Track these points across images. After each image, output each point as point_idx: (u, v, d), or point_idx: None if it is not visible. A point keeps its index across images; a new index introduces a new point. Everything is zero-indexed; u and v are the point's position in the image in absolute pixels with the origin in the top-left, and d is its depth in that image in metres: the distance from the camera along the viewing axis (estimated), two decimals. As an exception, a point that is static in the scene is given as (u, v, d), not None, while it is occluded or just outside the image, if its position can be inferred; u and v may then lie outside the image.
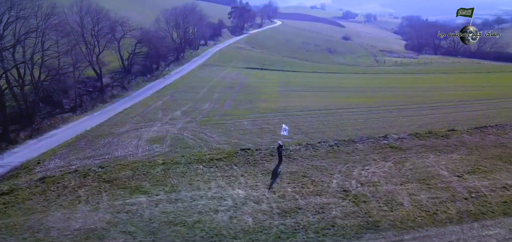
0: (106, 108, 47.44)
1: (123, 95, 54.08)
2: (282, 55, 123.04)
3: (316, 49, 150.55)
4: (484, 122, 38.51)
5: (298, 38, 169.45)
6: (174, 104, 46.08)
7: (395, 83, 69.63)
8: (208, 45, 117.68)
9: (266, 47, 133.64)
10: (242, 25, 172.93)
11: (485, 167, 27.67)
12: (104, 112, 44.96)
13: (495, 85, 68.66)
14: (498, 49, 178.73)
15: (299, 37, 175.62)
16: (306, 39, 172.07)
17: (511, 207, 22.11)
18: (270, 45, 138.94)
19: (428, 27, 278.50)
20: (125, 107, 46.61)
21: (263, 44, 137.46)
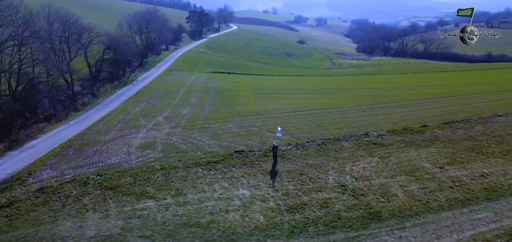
0: (80, 116, 46.35)
1: (95, 103, 52.98)
2: (243, 59, 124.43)
3: (275, 53, 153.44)
4: (450, 118, 41.79)
5: (256, 42, 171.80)
6: (153, 111, 45.92)
7: (359, 84, 73.13)
8: (169, 50, 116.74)
9: (227, 51, 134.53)
10: (200, 29, 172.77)
11: (461, 158, 30.36)
12: (80, 121, 43.96)
13: (451, 83, 73.92)
14: (443, 50, 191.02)
15: (257, 41, 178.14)
16: (264, 43, 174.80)
17: (492, 193, 24.55)
18: (231, 50, 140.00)
19: (377, 30, 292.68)
20: (101, 115, 45.81)
21: (224, 49, 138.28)
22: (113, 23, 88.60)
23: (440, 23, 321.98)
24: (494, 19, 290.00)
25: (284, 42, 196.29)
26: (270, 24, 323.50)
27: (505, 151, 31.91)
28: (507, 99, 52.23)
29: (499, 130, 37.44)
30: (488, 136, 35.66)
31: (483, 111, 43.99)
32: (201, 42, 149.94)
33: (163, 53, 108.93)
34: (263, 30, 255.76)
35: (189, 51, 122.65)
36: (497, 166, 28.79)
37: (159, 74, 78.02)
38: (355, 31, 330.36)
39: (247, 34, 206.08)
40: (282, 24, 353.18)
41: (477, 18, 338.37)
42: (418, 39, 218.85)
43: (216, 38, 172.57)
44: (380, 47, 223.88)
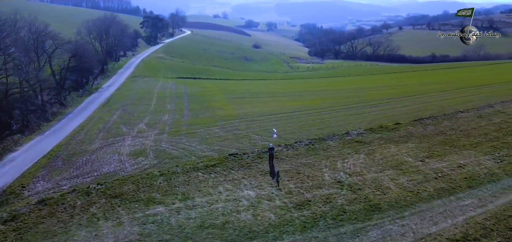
0: (54, 127, 44.90)
1: (65, 113, 51.40)
2: (203, 64, 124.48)
3: (232, 58, 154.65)
4: (418, 115, 44.98)
5: (213, 47, 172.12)
6: (132, 118, 45.43)
7: (325, 87, 76.07)
8: (127, 56, 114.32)
9: (185, 56, 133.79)
10: (155, 35, 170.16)
11: (438, 152, 33.11)
12: (55, 132, 42.66)
13: (408, 83, 78.73)
14: (390, 52, 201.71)
15: (213, 46, 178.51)
16: (220, 47, 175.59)
17: (472, 182, 27.18)
18: (189, 55, 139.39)
19: (326, 34, 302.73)
20: (76, 124, 44.70)
21: (182, 54, 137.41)
22: (71, 31, 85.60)
23: (384, 26, 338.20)
24: (435, 22, 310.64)
25: (239, 46, 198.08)
26: (223, 28, 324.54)
27: (474, 143, 35.11)
28: (463, 96, 56.90)
29: (464, 124, 40.94)
30: (456, 131, 38.95)
31: (445, 109, 47.71)
32: (158, 47, 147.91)
33: (121, 59, 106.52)
34: (217, 34, 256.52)
35: (148, 57, 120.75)
36: (470, 157, 31.71)
37: (123, 82, 76.50)
38: (305, 36, 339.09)
39: (202, 39, 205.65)
40: (234, 28, 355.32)
41: (418, 21, 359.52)
42: (366, 42, 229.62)
43: (172, 43, 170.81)
44: (331, 50, 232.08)
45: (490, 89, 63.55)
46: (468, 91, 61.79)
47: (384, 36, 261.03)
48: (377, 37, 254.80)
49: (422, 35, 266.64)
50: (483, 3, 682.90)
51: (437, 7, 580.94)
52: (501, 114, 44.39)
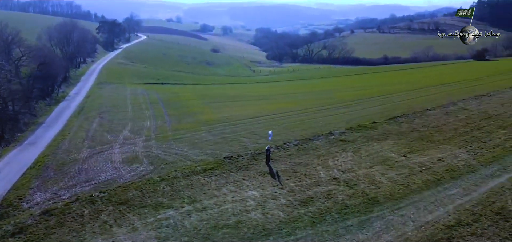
0: (30, 138, 43.21)
1: (38, 122, 49.53)
2: (166, 69, 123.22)
3: (194, 62, 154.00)
4: (390, 114, 47.68)
5: (172, 52, 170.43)
6: (113, 126, 44.73)
7: (295, 90, 78.17)
8: (87, 62, 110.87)
9: (146, 62, 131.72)
10: (112, 40, 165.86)
11: (417, 147, 35.65)
12: (33, 142, 41.11)
13: (373, 84, 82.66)
14: (345, 55, 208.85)
15: (173, 50, 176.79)
16: (180, 52, 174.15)
17: (453, 173, 29.71)
18: (150, 60, 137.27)
19: (282, 38, 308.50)
20: (54, 134, 43.39)
21: (143, 59, 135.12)
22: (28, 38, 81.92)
23: (336, 30, 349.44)
24: (384, 25, 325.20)
25: (198, 51, 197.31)
26: (178, 33, 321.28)
27: (446, 138, 38.07)
28: (426, 95, 60.89)
29: (434, 121, 44.06)
30: (428, 127, 41.92)
31: (414, 107, 50.91)
32: (117, 53, 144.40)
33: (82, 66, 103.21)
34: (173, 39, 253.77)
35: (108, 63, 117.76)
36: (447, 151, 34.44)
37: (90, 89, 74.39)
38: (261, 40, 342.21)
39: (160, 44, 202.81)
40: (190, 33, 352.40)
41: (366, 24, 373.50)
42: (322, 45, 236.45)
43: (131, 48, 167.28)
44: (289, 54, 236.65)
45: (449, 88, 68.32)
46: (430, 91, 66.05)
47: (338, 40, 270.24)
48: (331, 40, 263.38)
49: (373, 38, 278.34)
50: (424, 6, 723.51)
51: (384, 11, 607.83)
52: (465, 111, 48.09)
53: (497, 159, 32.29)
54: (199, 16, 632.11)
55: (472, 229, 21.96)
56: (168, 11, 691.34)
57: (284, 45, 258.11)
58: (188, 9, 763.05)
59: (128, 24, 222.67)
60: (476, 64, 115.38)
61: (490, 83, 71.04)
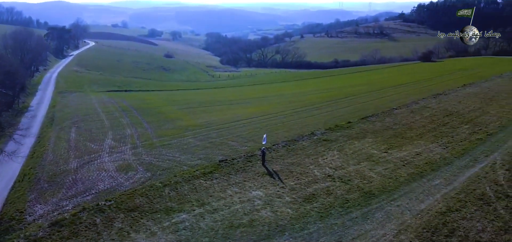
0: (3, 151, 41.53)
1: (7, 134, 47.39)
2: (123, 76, 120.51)
3: (150, 68, 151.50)
4: (362, 114, 50.53)
5: (126, 58, 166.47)
6: (94, 135, 43.79)
7: (262, 93, 79.72)
8: (40, 71, 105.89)
9: (101, 69, 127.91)
10: (62, 47, 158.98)
11: (394, 144, 38.49)
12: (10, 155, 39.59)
13: (335, 87, 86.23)
14: (298, 59, 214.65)
15: (126, 56, 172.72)
16: (133, 58, 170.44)
17: (432, 166, 32.58)
18: (104, 67, 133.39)
19: (235, 42, 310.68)
20: (30, 146, 42.08)
21: (97, 66, 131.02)
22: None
23: (286, 35, 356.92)
24: (332, 29, 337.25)
25: (152, 56, 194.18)
26: (126, 38, 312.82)
27: (418, 134, 41.35)
28: (389, 95, 65.08)
29: (403, 119, 47.45)
30: (399, 125, 45.15)
31: (381, 107, 54.31)
32: (69, 60, 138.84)
33: (36, 75, 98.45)
34: (123, 44, 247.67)
35: (63, 71, 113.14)
36: (421, 146, 37.52)
37: (52, 98, 71.37)
38: (213, 45, 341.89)
39: (111, 50, 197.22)
40: (139, 38, 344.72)
41: (313, 29, 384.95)
42: (275, 50, 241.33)
43: (82, 55, 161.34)
44: (243, 59, 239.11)
45: (406, 88, 73.22)
46: (390, 91, 70.47)
47: (289, 44, 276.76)
48: (283, 45, 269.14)
49: (323, 42, 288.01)
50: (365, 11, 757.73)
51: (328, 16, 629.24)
52: (428, 109, 52.13)
53: (467, 151, 35.72)
54: (145, 21, 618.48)
55: (462, 214, 24.47)
56: (112, 16, 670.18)
57: (238, 50, 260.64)
58: (133, 13, 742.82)
59: (75, 30, 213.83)
60: (424, 65, 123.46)
61: (442, 82, 76.93)
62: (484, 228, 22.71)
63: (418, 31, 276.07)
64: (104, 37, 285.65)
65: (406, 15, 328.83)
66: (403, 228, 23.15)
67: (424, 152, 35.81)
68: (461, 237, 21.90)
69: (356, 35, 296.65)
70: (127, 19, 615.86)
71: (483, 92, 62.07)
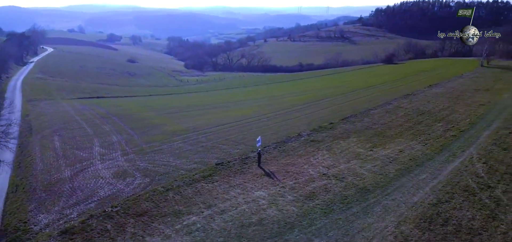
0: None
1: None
2: (89, 82, 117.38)
3: (115, 74, 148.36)
4: (341, 115, 52.84)
5: (89, 64, 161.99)
6: (79, 143, 42.92)
7: (238, 98, 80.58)
8: (3, 79, 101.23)
9: (65, 75, 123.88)
10: (21, 54, 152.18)
11: (377, 142, 40.67)
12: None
13: (308, 89, 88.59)
14: (263, 63, 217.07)
15: (89, 62, 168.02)
16: (97, 64, 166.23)
17: (416, 161, 34.85)
18: (68, 73, 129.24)
19: (199, 47, 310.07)
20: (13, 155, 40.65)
21: (61, 73, 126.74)
22: None
23: (249, 39, 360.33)
24: (295, 34, 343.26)
25: (115, 62, 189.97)
26: (85, 43, 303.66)
27: (397, 133, 43.90)
28: (363, 97, 68.00)
29: (380, 119, 50.03)
30: (377, 124, 47.59)
31: (358, 108, 56.89)
32: (31, 67, 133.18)
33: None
34: (83, 50, 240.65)
35: (27, 78, 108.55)
36: (403, 144, 39.93)
37: (22, 106, 68.63)
38: (176, 49, 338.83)
39: (71, 56, 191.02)
40: (98, 43, 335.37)
41: (275, 33, 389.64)
42: (240, 54, 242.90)
43: (43, 62, 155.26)
44: (209, 63, 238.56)
45: (376, 89, 76.68)
46: (362, 92, 73.58)
47: (253, 48, 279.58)
48: (247, 49, 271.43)
49: (286, 46, 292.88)
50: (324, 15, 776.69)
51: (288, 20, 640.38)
52: (401, 109, 55.19)
53: (445, 147, 38.48)
54: (102, 26, 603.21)
55: (452, 204, 26.63)
56: (66, 21, 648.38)
57: (203, 54, 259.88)
58: (88, 18, 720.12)
59: (34, 36, 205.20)
60: (387, 67, 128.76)
61: (408, 83, 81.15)
62: (474, 217, 24.93)
63: (377, 34, 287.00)
64: (62, 42, 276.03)
65: (365, 19, 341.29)
66: (402, 219, 24.91)
67: (406, 149, 38.13)
68: (455, 225, 23.92)
69: (317, 39, 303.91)
70: (82, 23, 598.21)
71: (449, 92, 66.29)
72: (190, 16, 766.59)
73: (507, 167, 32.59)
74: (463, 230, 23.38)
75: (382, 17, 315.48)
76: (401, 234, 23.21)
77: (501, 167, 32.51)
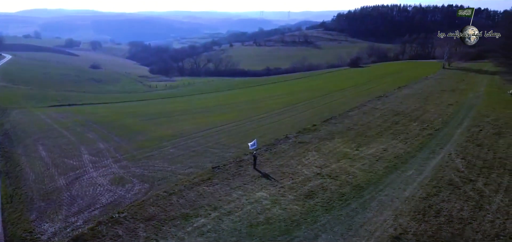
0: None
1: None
2: (55, 89, 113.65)
3: (80, 80, 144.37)
4: (321, 117, 54.75)
5: (52, 71, 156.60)
6: (66, 152, 41.99)
7: (216, 102, 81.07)
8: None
9: (29, 83, 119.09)
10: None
11: (361, 142, 42.72)
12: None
13: (283, 93, 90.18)
14: (231, 67, 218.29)
15: (52, 69, 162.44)
16: (60, 70, 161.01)
17: (401, 159, 37.07)
18: (32, 81, 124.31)
19: (164, 51, 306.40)
20: None
21: (24, 80, 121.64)
22: None
23: (214, 43, 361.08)
24: (258, 38, 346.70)
25: (79, 68, 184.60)
26: (44, 49, 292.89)
27: (378, 133, 46.23)
28: (338, 99, 70.74)
29: (360, 120, 52.33)
30: (358, 125, 49.83)
31: (336, 110, 59.09)
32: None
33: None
34: (43, 56, 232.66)
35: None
36: (385, 143, 42.19)
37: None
38: (139, 54, 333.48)
39: (33, 62, 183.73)
40: (57, 49, 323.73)
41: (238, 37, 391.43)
42: (207, 58, 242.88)
43: (3, 69, 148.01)
44: (175, 68, 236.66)
45: (349, 92, 79.68)
46: (336, 95, 76.30)
47: (219, 53, 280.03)
48: (213, 53, 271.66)
49: (252, 50, 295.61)
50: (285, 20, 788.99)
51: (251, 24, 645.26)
52: (377, 110, 57.91)
53: (424, 145, 41.06)
54: (58, 31, 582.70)
55: (440, 198, 28.78)
56: (20, 26, 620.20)
57: (168, 59, 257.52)
58: (43, 23, 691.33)
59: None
60: (354, 71, 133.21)
61: (378, 85, 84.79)
62: (462, 208, 27.15)
63: (339, 39, 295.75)
64: (20, 49, 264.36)
65: (327, 23, 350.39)
66: (398, 213, 26.72)
67: (389, 148, 40.37)
68: (446, 216, 26.00)
69: (282, 43, 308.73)
70: (37, 29, 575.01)
71: (418, 93, 70.07)
72: (151, 20, 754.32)
73: (484, 161, 35.40)
74: (454, 220, 25.43)
75: (343, 22, 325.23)
76: (400, 226, 24.94)
77: (478, 162, 35.25)
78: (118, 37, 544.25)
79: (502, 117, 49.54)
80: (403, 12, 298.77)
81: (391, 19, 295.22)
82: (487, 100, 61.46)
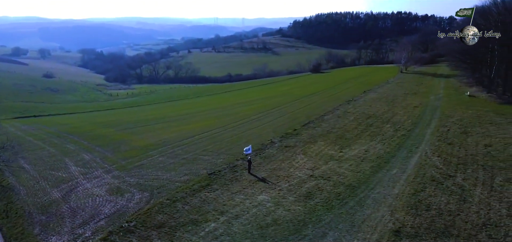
0: None
1: None
2: (11, 100, 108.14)
3: (36, 90, 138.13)
4: (299, 122, 56.71)
5: (4, 81, 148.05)
6: (50, 164, 40.61)
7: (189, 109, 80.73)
8: None
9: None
10: None
11: (343, 144, 44.95)
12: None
13: (254, 99, 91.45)
14: (192, 74, 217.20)
15: (3, 79, 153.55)
16: (12, 81, 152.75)
17: (383, 158, 39.51)
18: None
19: (119, 58, 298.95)
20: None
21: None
22: None
23: (170, 50, 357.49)
24: (215, 44, 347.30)
25: (31, 78, 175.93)
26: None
27: (356, 135, 48.72)
28: (308, 104, 73.19)
29: (336, 124, 54.76)
30: (336, 128, 52.17)
31: (312, 115, 61.36)
32: None
33: None
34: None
35: None
36: (365, 144, 44.68)
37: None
38: (93, 62, 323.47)
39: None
40: (4, 58, 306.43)
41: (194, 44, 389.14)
42: (166, 65, 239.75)
43: None
44: (132, 75, 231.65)
45: (318, 96, 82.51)
46: (306, 101, 78.71)
47: (177, 59, 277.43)
48: (171, 60, 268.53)
49: (211, 57, 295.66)
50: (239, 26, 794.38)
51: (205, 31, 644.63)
52: (350, 114, 60.75)
53: (401, 145, 43.87)
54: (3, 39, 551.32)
55: (427, 193, 31.20)
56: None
57: (124, 66, 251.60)
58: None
59: None
60: (316, 76, 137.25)
61: (344, 90, 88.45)
62: (448, 201, 29.66)
63: (296, 45, 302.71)
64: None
65: (284, 30, 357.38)
66: (393, 209, 28.81)
67: (370, 149, 42.82)
68: (436, 210, 28.38)
69: (241, 50, 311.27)
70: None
71: (384, 97, 74.00)
72: (101, 27, 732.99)
73: (458, 158, 38.51)
74: (444, 213, 27.82)
75: (300, 29, 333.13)
76: (397, 220, 26.99)
77: (453, 159, 38.32)
78: (67, 44, 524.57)
79: (465, 118, 53.70)
80: (356, 19, 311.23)
81: (345, 26, 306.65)
82: (448, 102, 66.12)
